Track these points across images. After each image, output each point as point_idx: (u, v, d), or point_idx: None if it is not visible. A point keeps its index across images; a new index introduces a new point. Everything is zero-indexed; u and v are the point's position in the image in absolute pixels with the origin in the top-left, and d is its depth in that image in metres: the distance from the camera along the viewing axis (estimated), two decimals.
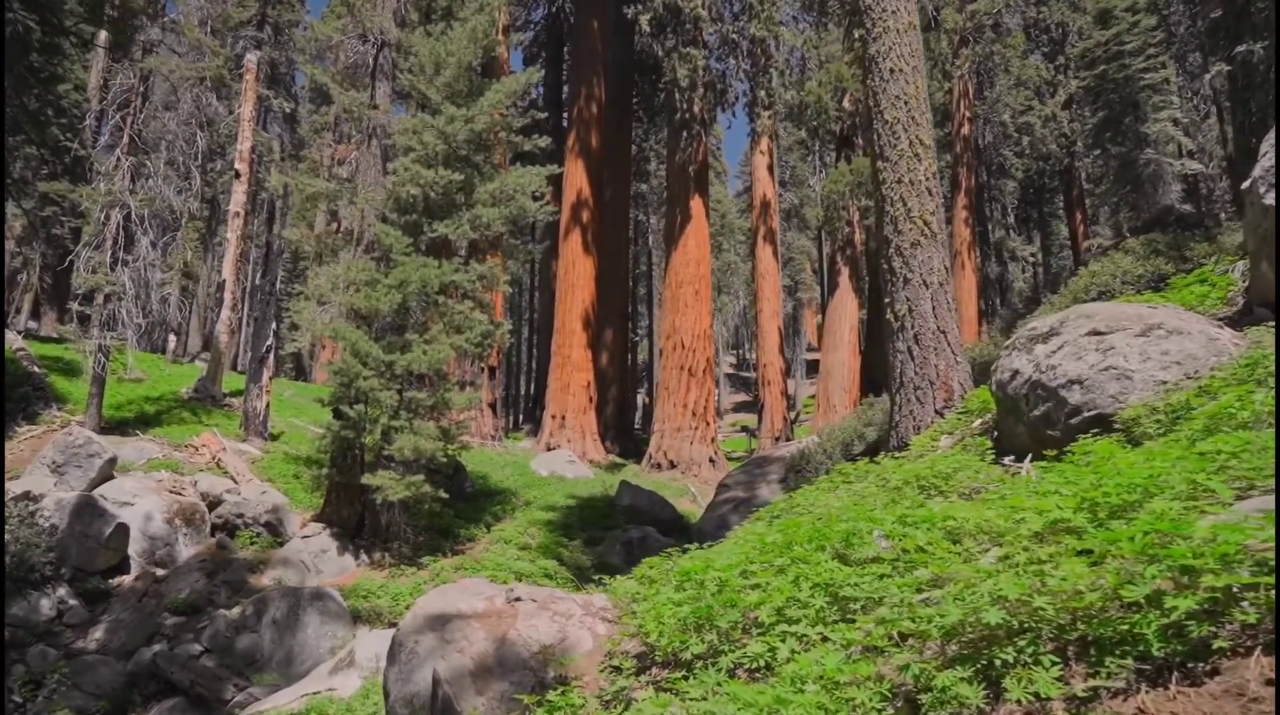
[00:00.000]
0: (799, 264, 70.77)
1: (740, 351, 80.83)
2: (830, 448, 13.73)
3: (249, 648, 10.73)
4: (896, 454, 6.22)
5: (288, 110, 35.56)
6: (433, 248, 15.49)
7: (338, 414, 13.86)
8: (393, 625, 11.79)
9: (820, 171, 62.77)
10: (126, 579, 12.28)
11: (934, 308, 6.59)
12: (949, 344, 6.55)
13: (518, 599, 3.67)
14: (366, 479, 13.44)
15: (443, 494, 13.97)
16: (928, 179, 6.84)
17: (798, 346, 67.83)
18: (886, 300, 6.93)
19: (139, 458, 15.41)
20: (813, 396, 64.44)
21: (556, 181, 26.94)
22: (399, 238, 14.52)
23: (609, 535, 16.37)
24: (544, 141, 19.01)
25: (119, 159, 17.43)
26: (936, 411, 6.42)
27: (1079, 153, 41.24)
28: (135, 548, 12.67)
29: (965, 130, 36.11)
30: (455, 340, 14.15)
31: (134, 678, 10.20)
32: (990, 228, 45.05)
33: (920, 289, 6.65)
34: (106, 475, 13.79)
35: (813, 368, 72.21)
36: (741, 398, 68.09)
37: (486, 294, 16.36)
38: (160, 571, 12.57)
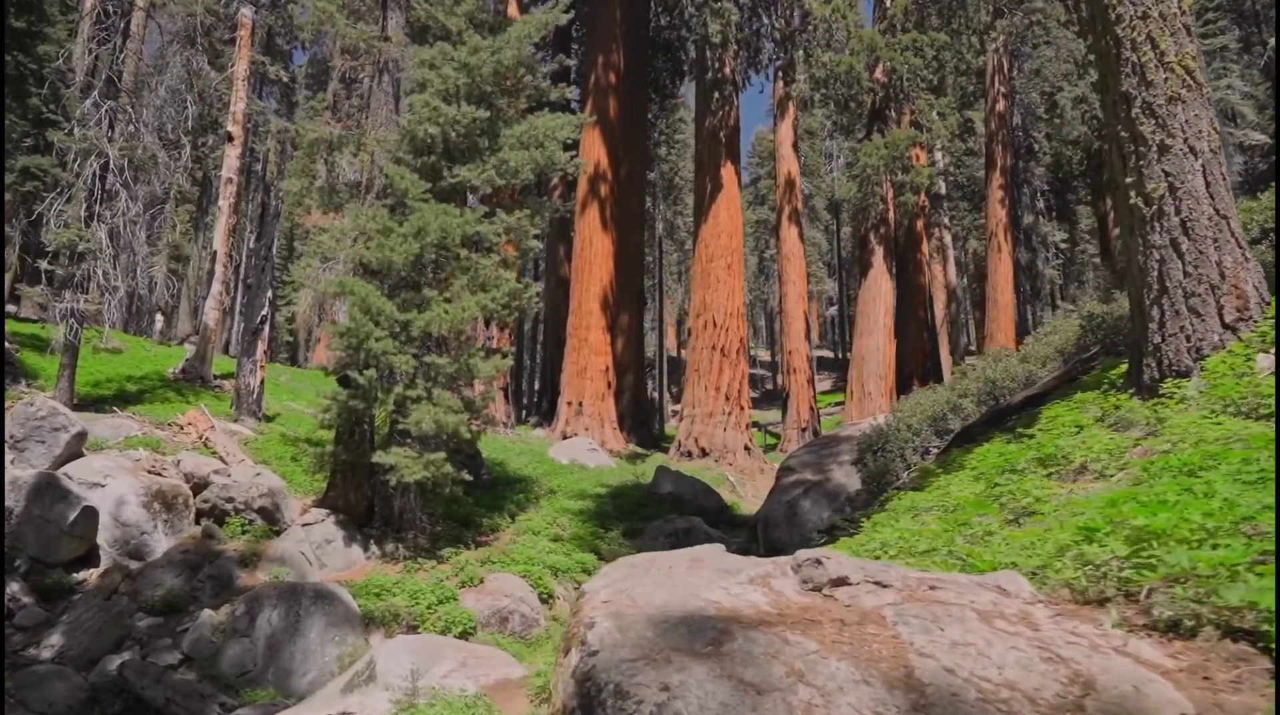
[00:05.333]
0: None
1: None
2: (916, 424, 11.82)
3: (239, 657, 8.79)
4: (1178, 383, 4.38)
5: (285, 79, 33.54)
6: (446, 200, 13.59)
7: (345, 381, 11.92)
8: (412, 628, 9.88)
9: (834, 158, 61.08)
10: (93, 573, 10.33)
11: (1208, 184, 4.74)
12: (1232, 233, 4.69)
13: (840, 581, 1.80)
14: (378, 457, 11.51)
15: (466, 476, 12.06)
16: (1183, 13, 5.00)
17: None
18: (1129, 179, 5.05)
19: (114, 435, 13.45)
20: (824, 392, 62.91)
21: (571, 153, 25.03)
22: (415, 181, 12.60)
23: (649, 526, 14.52)
24: (571, 91, 17.20)
25: (96, 102, 15.45)
26: (1225, 325, 4.57)
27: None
28: (105, 536, 10.72)
29: (1000, 107, 34.34)
30: (481, 298, 12.25)
31: (96, 693, 8.26)
32: (1020, 212, 43.25)
33: (1186, 159, 4.80)
34: (74, 452, 11.83)
35: (823, 363, 70.58)
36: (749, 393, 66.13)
37: (511, 251, 14.48)
38: (134, 564, 10.62)
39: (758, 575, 1.96)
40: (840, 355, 68.21)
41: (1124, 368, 5.85)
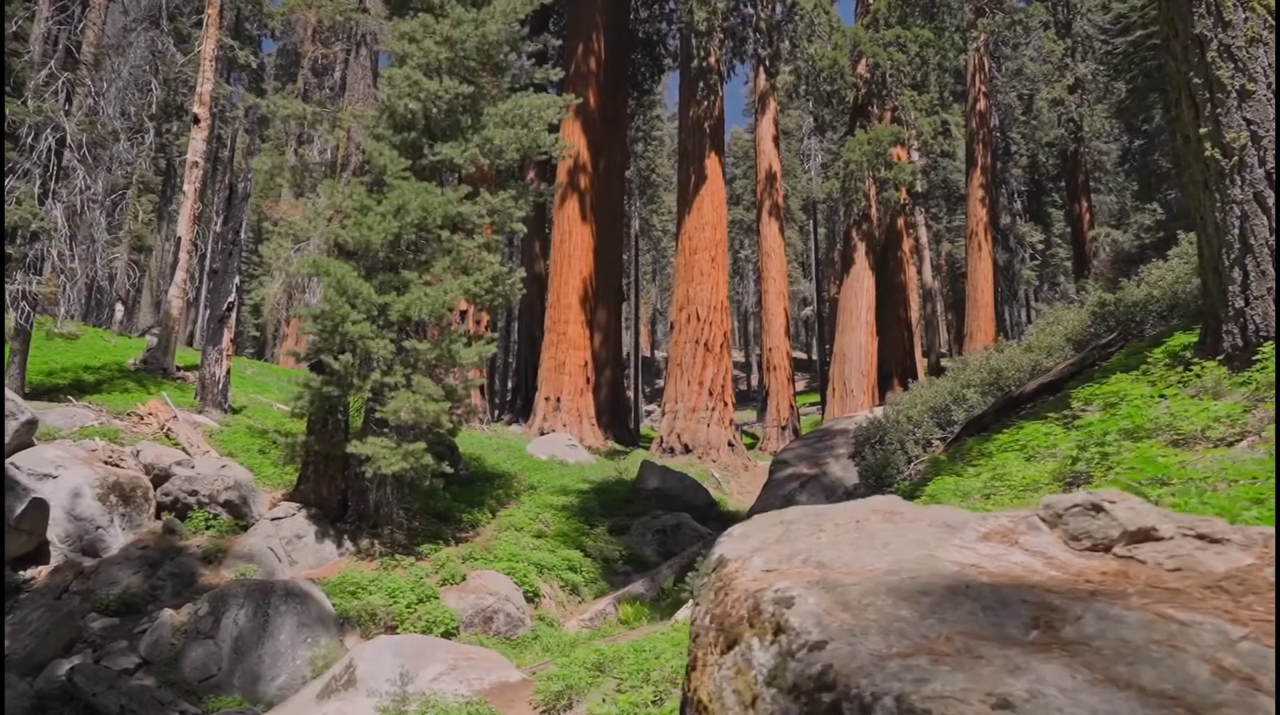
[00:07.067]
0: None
1: None
2: (916, 415, 11.45)
3: (202, 660, 8.11)
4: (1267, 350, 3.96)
5: (253, 65, 32.56)
6: (427, 179, 12.96)
7: (318, 367, 11.24)
8: (390, 629, 9.27)
9: (811, 158, 61.04)
10: (42, 570, 9.57)
11: None
12: None
13: (1143, 534, 1.26)
14: (354, 447, 10.86)
15: (446, 468, 11.43)
16: None
17: None
18: (1204, 130, 4.63)
19: (69, 425, 12.62)
20: (799, 392, 62.82)
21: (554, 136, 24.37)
22: (394, 158, 11.96)
23: (636, 522, 13.99)
24: (556, 74, 16.64)
25: (52, 72, 14.59)
26: None
27: (1086, 137, 39.80)
28: (56, 531, 9.95)
29: (981, 105, 34.28)
30: (464, 281, 11.64)
31: (43, 700, 7.54)
32: (998, 213, 43.33)
33: (1270, 105, 4.38)
34: (23, 442, 11.01)
35: (798, 364, 70.48)
36: None
37: (490, 235, 13.89)
38: (88, 561, 9.87)
39: (993, 530, 1.43)
40: (813, 357, 68.17)
41: (1176, 341, 5.44)
